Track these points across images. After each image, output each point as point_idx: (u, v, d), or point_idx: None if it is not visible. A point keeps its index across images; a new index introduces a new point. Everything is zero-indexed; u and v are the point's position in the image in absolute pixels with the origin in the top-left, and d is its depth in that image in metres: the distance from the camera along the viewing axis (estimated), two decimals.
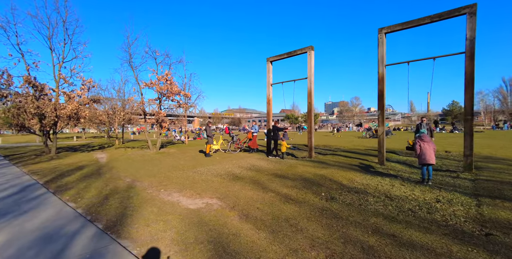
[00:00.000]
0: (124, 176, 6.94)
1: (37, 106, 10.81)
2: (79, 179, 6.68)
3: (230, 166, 8.16)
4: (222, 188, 5.32)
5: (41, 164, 9.45)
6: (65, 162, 9.93)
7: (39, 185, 5.95)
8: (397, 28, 7.35)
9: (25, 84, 10.91)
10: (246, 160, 9.61)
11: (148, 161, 9.95)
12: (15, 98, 10.86)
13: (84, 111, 12.11)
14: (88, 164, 9.37)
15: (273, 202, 4.24)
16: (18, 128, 11.19)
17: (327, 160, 8.87)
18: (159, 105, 12.94)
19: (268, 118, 11.23)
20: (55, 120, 11.64)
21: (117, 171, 7.85)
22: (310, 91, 9.51)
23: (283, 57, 10.53)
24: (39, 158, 10.96)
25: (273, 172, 6.89)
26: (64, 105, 11.32)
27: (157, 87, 12.06)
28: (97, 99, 13.33)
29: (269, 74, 11.09)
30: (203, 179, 6.34)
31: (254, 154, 11.51)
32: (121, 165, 9.05)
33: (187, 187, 5.56)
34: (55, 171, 7.97)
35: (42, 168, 8.52)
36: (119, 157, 11.37)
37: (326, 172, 6.68)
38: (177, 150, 13.95)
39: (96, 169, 8.28)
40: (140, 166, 8.72)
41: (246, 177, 6.35)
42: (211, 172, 7.19)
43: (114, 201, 4.54)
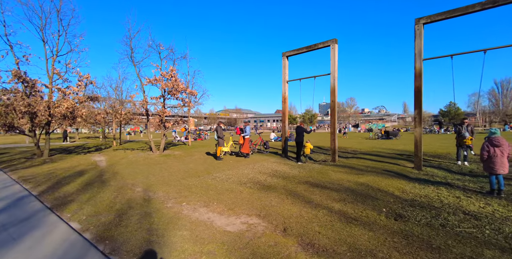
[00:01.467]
0: (133, 184, 6.00)
1: (28, 104, 9.70)
2: (79, 188, 5.71)
3: (249, 171, 7.30)
4: (256, 201, 4.46)
5: (33, 169, 8.39)
6: (61, 166, 8.88)
7: (32, 197, 4.97)
8: (439, 17, 6.62)
9: (14, 79, 9.78)
10: (263, 163, 8.76)
11: (154, 164, 8.99)
12: (2, 95, 9.72)
13: (81, 110, 11.04)
14: (87, 169, 8.36)
15: (333, 223, 3.41)
16: (6, 128, 10.05)
17: (354, 165, 8.10)
18: (163, 103, 11.95)
19: (284, 119, 10.40)
20: (48, 120, 10.53)
21: (122, 177, 6.89)
22: (333, 88, 8.72)
23: (301, 51, 9.72)
24: (30, 162, 9.86)
25: (305, 180, 6.06)
26: (59, 103, 10.23)
27: (162, 84, 11.08)
28: (95, 97, 12.25)
29: (285, 70, 10.26)
30: (226, 188, 5.46)
31: (268, 156, 10.66)
32: (125, 169, 8.07)
33: (212, 199, 4.67)
34: (50, 177, 6.95)
35: (35, 174, 7.48)
36: (120, 160, 10.35)
37: (366, 179, 5.89)
38: (182, 152, 12.98)
39: (98, 174, 7.30)
40: (147, 171, 7.77)
41: (276, 186, 5.50)
42: (231, 179, 6.32)
43: (130, 221, 3.63)
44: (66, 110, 10.31)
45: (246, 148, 10.12)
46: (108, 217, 3.85)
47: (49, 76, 10.99)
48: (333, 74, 8.72)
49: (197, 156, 11.30)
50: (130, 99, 11.31)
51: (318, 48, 9.24)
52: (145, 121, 13.74)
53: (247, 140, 10.14)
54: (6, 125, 9.94)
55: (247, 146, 10.12)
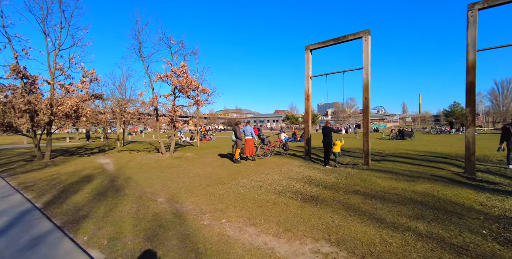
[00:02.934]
0: (152, 193, 5.18)
1: (28, 101, 8.84)
2: (91, 198, 4.87)
3: (279, 177, 6.49)
4: (312, 218, 3.65)
5: (34, 173, 7.53)
6: (65, 170, 8.03)
7: (37, 211, 4.12)
8: (498, 2, 5.84)
9: (13, 74, 8.91)
10: (289, 167, 7.96)
11: (168, 168, 8.16)
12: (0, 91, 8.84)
13: (85, 109, 10.17)
14: (94, 173, 7.51)
15: (439, 254, 2.60)
16: (4, 128, 9.18)
17: (392, 169, 7.30)
18: (173, 102, 11.12)
19: (307, 118, 9.60)
20: (50, 119, 9.66)
21: (137, 184, 6.06)
22: (366, 84, 7.93)
23: (327, 44, 8.92)
24: (31, 165, 8.99)
25: (352, 189, 5.26)
26: (62, 101, 9.36)
27: (174, 80, 10.25)
28: (99, 95, 11.38)
29: (308, 65, 9.46)
30: (265, 198, 4.64)
31: (290, 159, 9.85)
32: (137, 174, 7.23)
33: (255, 213, 3.86)
34: (54, 184, 6.10)
35: (37, 179, 6.63)
36: (128, 163, 9.51)
37: (423, 188, 5.10)
38: (193, 153, 12.15)
39: (108, 181, 6.46)
40: (163, 176, 6.94)
41: (324, 197, 4.69)
42: (264, 187, 5.50)
43: (167, 249, 2.81)
44: (69, 109, 9.44)
45: (251, 149, 9.27)
46: (136, 241, 3.02)
47: (50, 72, 10.12)
48: (366, 69, 7.94)
49: (211, 158, 10.47)
50: (139, 97, 10.43)
51: (347, 41, 8.46)
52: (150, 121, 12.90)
53: (250, 142, 9.32)
54: (4, 125, 9.06)
55: (252, 148, 9.29)
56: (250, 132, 9.27)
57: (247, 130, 9.32)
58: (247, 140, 9.21)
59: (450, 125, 26.93)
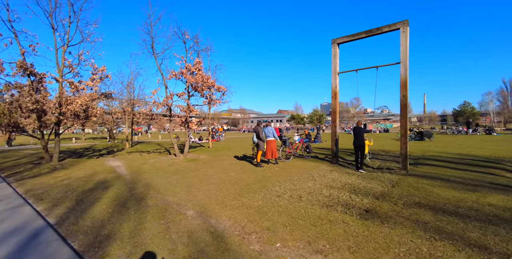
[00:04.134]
0: (178, 204, 4.51)
1: (36, 100, 8.24)
2: (110, 210, 4.22)
3: (315, 185, 5.78)
4: (390, 243, 2.94)
5: (43, 178, 6.92)
6: (75, 175, 7.41)
7: (50, 230, 3.47)
8: None
9: (19, 71, 8.32)
10: (318, 172, 7.26)
11: (187, 172, 7.50)
12: (5, 89, 8.26)
13: (95, 108, 9.57)
14: (108, 179, 6.88)
15: None
16: (10, 129, 8.61)
17: (438, 174, 6.55)
18: (188, 100, 10.47)
19: (334, 117, 8.87)
20: (58, 119, 9.07)
21: (157, 191, 5.40)
22: (405, 80, 7.19)
23: (358, 37, 8.18)
24: (39, 168, 8.40)
25: (410, 200, 4.53)
26: (72, 100, 8.75)
27: (189, 78, 9.59)
28: (109, 94, 10.76)
29: (335, 60, 8.73)
30: (314, 214, 3.94)
31: (314, 162, 9.14)
32: (155, 179, 6.58)
33: (313, 235, 3.17)
34: (66, 192, 5.47)
35: (46, 186, 6.01)
36: (142, 166, 8.88)
37: (499, 200, 4.36)
38: (207, 155, 11.49)
39: (126, 188, 5.81)
40: (184, 182, 6.27)
41: (383, 212, 3.98)
42: (305, 198, 4.80)
43: None
44: (79, 108, 8.83)
45: (274, 152, 8.51)
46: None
47: (59, 69, 9.53)
48: (404, 63, 7.19)
49: (228, 161, 9.80)
50: (151, 96, 9.78)
51: (380, 33, 7.72)
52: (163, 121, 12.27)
53: (273, 144, 8.57)
54: (10, 125, 8.48)
55: (275, 150, 8.53)
56: (272, 133, 8.56)
57: (268, 130, 8.60)
58: (269, 141, 8.49)
59: (467, 126, 25.94)
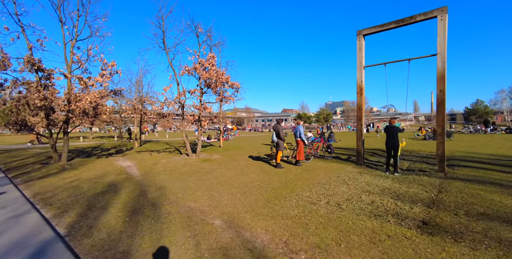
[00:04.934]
0: (202, 211, 3.99)
1: (44, 97, 7.82)
2: (126, 218, 3.72)
3: (349, 189, 5.20)
4: None
5: (52, 180, 6.49)
6: (85, 176, 6.97)
7: (61, 244, 2.97)
8: None
9: (27, 67, 7.91)
10: (345, 174, 6.67)
11: (203, 174, 6.99)
12: (12, 86, 7.86)
13: (104, 105, 9.12)
14: (119, 180, 6.42)
15: None
16: (18, 127, 8.21)
17: (484, 178, 5.89)
18: (201, 97, 9.96)
19: (360, 115, 8.25)
20: (67, 117, 8.65)
21: (175, 196, 4.89)
22: (442, 73, 6.53)
23: (386, 28, 7.54)
24: (47, 168, 7.99)
25: (470, 210, 3.93)
26: (81, 96, 8.32)
27: (203, 73, 9.07)
28: (118, 91, 10.31)
29: (361, 53, 8.10)
30: (367, 226, 3.37)
31: (336, 163, 8.53)
32: (171, 182, 6.08)
33: (378, 256, 2.60)
34: (76, 195, 5.00)
35: (55, 188, 5.56)
36: (154, 167, 8.41)
37: None
38: (220, 155, 10.98)
39: (139, 191, 5.32)
40: (203, 184, 5.75)
41: (447, 225, 3.39)
42: (344, 205, 4.23)
43: None
44: (88, 105, 8.39)
45: (301, 154, 8.00)
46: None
47: (67, 64, 9.11)
48: (441, 55, 6.54)
49: (244, 161, 9.27)
50: (163, 93, 9.29)
51: (414, 22, 7.07)
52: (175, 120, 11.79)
53: (302, 144, 8.09)
54: (18, 123, 8.08)
55: (302, 151, 8.02)
56: (302, 132, 8.05)
57: (298, 130, 8.09)
58: (299, 141, 8.02)
59: (485, 125, 24.93)
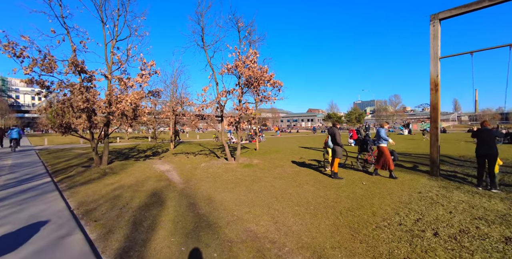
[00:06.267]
0: (272, 240, 3.13)
1: (86, 99, 7.64)
2: (181, 247, 2.99)
3: (448, 213, 4.00)
4: None
5: (95, 186, 6.14)
6: (126, 182, 6.55)
7: None
8: None
9: (71, 68, 7.79)
10: (426, 189, 5.41)
11: (250, 182, 6.18)
12: (58, 88, 7.78)
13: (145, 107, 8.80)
14: (162, 188, 5.86)
15: None
16: (63, 129, 8.15)
17: None
18: (240, 97, 9.23)
19: (435, 116, 6.84)
20: (108, 119, 8.44)
21: (230, 213, 4.11)
22: None
23: (475, 7, 6.08)
24: (89, 172, 7.79)
25: None
26: (121, 98, 8.04)
27: (245, 71, 8.32)
28: (156, 92, 9.99)
29: (436, 41, 6.70)
30: None
31: (407, 174, 7.22)
32: (217, 192, 5.36)
33: None
34: (120, 208, 4.46)
35: (99, 197, 5.12)
36: (194, 172, 7.83)
37: None
38: (260, 160, 10.17)
39: (187, 204, 4.64)
40: (255, 197, 4.93)
41: None
42: (466, 240, 3.09)
43: None
44: (128, 107, 8.08)
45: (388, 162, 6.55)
46: None
47: (108, 65, 8.94)
48: None
49: (290, 168, 8.33)
50: (203, 93, 8.71)
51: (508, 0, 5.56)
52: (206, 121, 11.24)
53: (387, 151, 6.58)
54: (63, 126, 8.00)
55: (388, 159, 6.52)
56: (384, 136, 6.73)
57: (381, 132, 6.73)
58: (383, 147, 6.70)
59: None
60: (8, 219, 3.86)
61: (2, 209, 4.35)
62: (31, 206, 4.53)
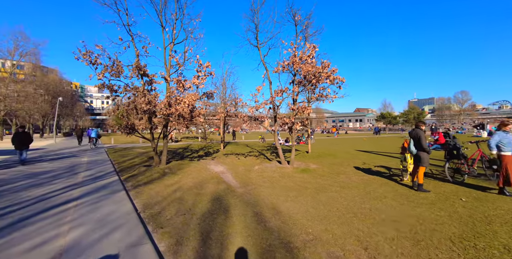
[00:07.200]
0: None
1: (149, 101, 7.95)
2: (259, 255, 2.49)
3: None
4: None
5: (156, 186, 6.21)
6: (185, 183, 6.50)
7: None
8: None
9: (135, 72, 8.22)
10: None
11: (314, 192, 5.47)
12: (124, 91, 8.28)
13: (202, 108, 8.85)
14: (221, 192, 5.57)
15: None
16: (128, 130, 8.69)
17: None
18: (296, 96, 8.57)
19: None
20: (167, 120, 8.70)
21: (305, 231, 3.50)
22: None
23: None
24: (150, 172, 8.08)
25: None
26: (180, 99, 8.17)
27: (303, 67, 7.64)
28: (210, 94, 10.00)
29: None
30: None
31: None
32: (282, 202, 4.80)
33: None
34: (184, 213, 4.24)
35: (162, 199, 5.06)
36: (249, 175, 7.47)
37: None
38: (318, 164, 9.34)
39: (252, 214, 4.19)
40: (329, 213, 4.21)
41: None
42: None
43: None
44: (187, 108, 8.17)
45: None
46: None
47: (166, 68, 9.25)
48: None
49: (355, 175, 7.33)
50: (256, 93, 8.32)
51: None
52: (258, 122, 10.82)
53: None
54: (128, 127, 8.50)
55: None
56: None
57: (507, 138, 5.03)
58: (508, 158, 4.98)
59: None
60: (84, 219, 3.93)
61: (80, 207, 4.54)
62: (103, 205, 4.64)
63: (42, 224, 3.74)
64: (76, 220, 3.90)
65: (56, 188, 5.91)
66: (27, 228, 3.59)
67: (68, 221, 3.85)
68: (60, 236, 3.30)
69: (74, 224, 3.72)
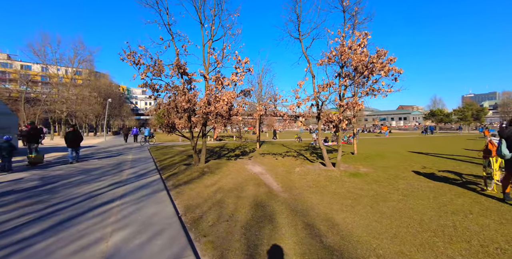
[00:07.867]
0: None
1: (188, 99, 7.85)
2: None
3: None
4: None
5: (196, 187, 5.99)
6: (225, 185, 6.18)
7: None
8: None
9: (175, 70, 8.20)
10: None
11: (372, 201, 4.66)
12: (165, 89, 8.33)
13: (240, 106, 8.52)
14: (263, 196, 5.09)
15: None
16: (169, 129, 8.77)
17: None
18: (344, 91, 7.70)
19: None
20: (206, 118, 8.56)
21: (371, 247, 2.82)
22: None
23: None
24: (190, 171, 7.99)
25: None
26: (219, 97, 7.93)
27: (354, 57, 6.77)
28: (247, 91, 9.62)
29: None
30: None
31: None
32: (335, 211, 4.12)
33: None
34: (226, 220, 3.84)
35: (202, 201, 4.77)
36: (291, 178, 6.88)
37: None
38: (368, 168, 8.33)
39: (303, 225, 3.61)
40: (399, 229, 3.42)
41: None
42: None
43: None
44: (225, 106, 7.89)
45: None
46: None
47: (205, 66, 9.12)
48: None
49: (418, 181, 6.24)
50: (298, 89, 7.66)
51: None
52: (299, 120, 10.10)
53: None
54: (169, 126, 8.55)
55: None
56: None
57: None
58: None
59: None
60: (126, 221, 3.78)
61: (123, 207, 4.47)
62: (145, 206, 4.51)
63: (88, 223, 3.68)
64: (119, 221, 3.77)
65: (103, 185, 6.06)
66: (75, 227, 3.54)
67: (112, 222, 3.73)
68: (103, 240, 3.14)
69: (117, 226, 3.58)
